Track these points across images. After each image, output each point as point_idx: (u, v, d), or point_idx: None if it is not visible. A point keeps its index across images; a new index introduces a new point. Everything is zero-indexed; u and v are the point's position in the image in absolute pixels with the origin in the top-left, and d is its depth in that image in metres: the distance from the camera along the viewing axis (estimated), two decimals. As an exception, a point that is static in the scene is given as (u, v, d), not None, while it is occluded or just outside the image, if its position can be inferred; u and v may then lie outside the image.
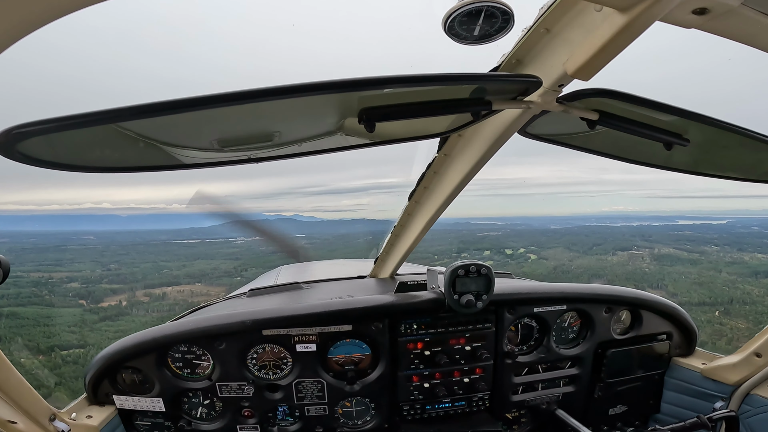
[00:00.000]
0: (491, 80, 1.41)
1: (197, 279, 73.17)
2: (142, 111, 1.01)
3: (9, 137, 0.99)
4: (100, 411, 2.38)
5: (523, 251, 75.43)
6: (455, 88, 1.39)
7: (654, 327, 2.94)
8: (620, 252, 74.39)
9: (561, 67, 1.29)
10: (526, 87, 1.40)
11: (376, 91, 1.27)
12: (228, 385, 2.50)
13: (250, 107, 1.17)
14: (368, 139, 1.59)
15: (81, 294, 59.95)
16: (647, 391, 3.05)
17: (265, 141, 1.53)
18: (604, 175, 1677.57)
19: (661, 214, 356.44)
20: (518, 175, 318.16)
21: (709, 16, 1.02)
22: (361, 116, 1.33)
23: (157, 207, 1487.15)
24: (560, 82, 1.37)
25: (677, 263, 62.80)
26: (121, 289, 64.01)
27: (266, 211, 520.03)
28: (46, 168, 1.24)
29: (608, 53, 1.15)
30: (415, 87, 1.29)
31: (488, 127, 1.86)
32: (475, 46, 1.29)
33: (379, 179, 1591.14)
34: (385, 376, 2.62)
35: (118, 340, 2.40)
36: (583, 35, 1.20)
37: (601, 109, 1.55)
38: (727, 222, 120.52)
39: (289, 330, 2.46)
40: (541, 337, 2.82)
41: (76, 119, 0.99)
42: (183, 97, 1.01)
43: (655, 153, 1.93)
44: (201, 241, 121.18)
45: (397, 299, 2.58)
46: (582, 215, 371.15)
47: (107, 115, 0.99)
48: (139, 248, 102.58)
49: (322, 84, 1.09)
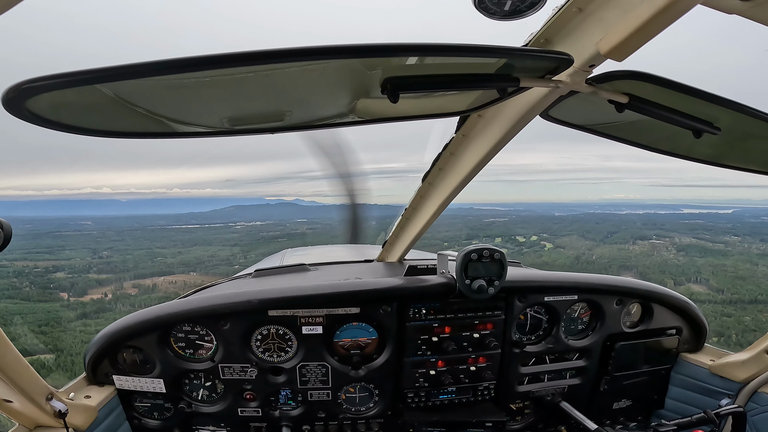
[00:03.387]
0: (522, 54, 1.41)
1: (192, 268, 73.06)
2: (161, 67, 1.01)
3: (19, 92, 1.00)
4: (99, 391, 2.40)
5: (536, 239, 75.17)
6: (482, 63, 1.40)
7: (664, 321, 2.98)
8: (640, 241, 73.88)
9: (594, 46, 1.32)
10: (557, 65, 1.41)
11: (403, 59, 1.27)
12: (231, 367, 2.52)
13: (273, 72, 1.18)
14: (384, 114, 1.59)
15: (64, 286, 57.90)
16: (653, 386, 3.11)
17: (286, 108, 1.54)
18: (607, 163, 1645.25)
19: (664, 202, 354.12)
20: (520, 161, 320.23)
21: (755, 2, 1.05)
22: (385, 85, 1.32)
23: (158, 191, 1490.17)
24: (591, 62, 1.40)
25: (707, 254, 62.16)
26: (109, 280, 62.70)
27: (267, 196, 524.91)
28: (51, 128, 1.25)
29: (646, 34, 1.17)
30: (444, 57, 1.30)
31: (510, 108, 1.87)
32: (501, 23, 1.31)
33: (381, 164, 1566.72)
34: (390, 361, 2.65)
35: (120, 318, 2.42)
36: (619, 15, 1.23)
37: (631, 92, 1.57)
38: (733, 211, 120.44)
39: (295, 311, 2.48)
40: (550, 327, 2.86)
41: (90, 74, 0.99)
42: (201, 54, 1.00)
43: (678, 141, 1.98)
44: (200, 226, 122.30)
45: (406, 282, 2.59)
46: (585, 202, 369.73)
47: (123, 71, 1.00)
48: (135, 234, 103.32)
49: (349, 47, 1.08)
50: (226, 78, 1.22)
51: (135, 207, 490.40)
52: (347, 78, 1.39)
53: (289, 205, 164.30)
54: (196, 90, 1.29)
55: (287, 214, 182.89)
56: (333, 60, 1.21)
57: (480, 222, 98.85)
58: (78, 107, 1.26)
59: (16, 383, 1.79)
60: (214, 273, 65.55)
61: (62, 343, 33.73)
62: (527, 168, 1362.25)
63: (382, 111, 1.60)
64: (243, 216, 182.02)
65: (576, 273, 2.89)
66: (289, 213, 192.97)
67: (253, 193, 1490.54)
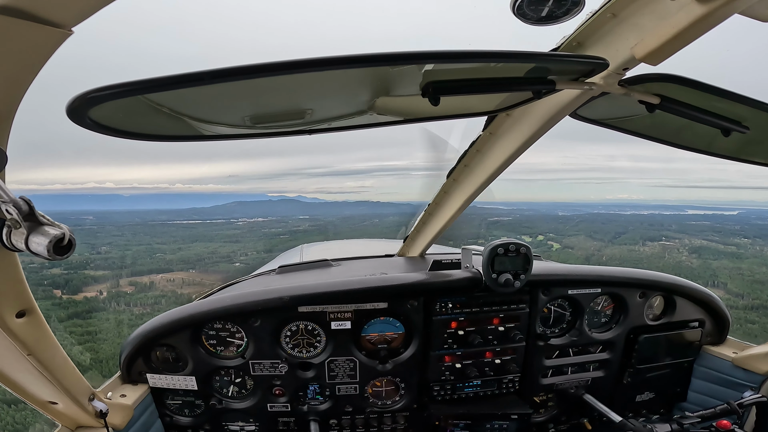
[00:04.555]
0: (560, 60, 1.50)
1: (191, 265, 72.66)
2: (220, 75, 1.05)
3: (84, 101, 1.05)
4: (133, 390, 2.47)
5: (543, 239, 74.76)
6: (518, 66, 1.47)
7: (687, 314, 3.02)
8: (650, 242, 73.36)
9: (628, 51, 1.39)
10: (592, 68, 1.48)
11: (445, 64, 1.34)
12: (261, 363, 2.60)
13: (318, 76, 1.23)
14: (417, 114, 1.71)
15: (58, 282, 56.22)
16: (675, 379, 3.15)
17: (320, 111, 1.62)
18: (611, 163, 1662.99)
19: (668, 203, 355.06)
20: (523, 160, 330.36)
21: None
22: (427, 89, 1.39)
23: (161, 186, 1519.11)
24: (625, 66, 1.47)
25: (720, 256, 61.58)
26: (105, 277, 61.68)
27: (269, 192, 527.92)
28: (112, 135, 1.32)
29: (681, 41, 1.23)
30: (485, 62, 1.37)
31: (540, 108, 1.93)
32: (534, 27, 1.37)
33: (383, 162, 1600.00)
34: (417, 355, 2.72)
35: (153, 317, 2.49)
36: (654, 22, 1.29)
37: (662, 93, 1.64)
38: (738, 213, 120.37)
39: (324, 307, 2.54)
40: (573, 320, 2.91)
41: (151, 83, 1.05)
42: (265, 61, 1.06)
43: (701, 138, 2.07)
44: (201, 222, 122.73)
45: (432, 277, 2.66)
46: (588, 202, 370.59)
47: (182, 79, 1.05)
48: (135, 229, 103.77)
49: (394, 55, 1.14)
50: (265, 83, 1.27)
51: (137, 202, 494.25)
52: (388, 82, 1.46)
53: (291, 202, 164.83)
54: (228, 93, 1.34)
55: (289, 211, 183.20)
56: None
57: (485, 221, 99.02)
58: (138, 114, 1.34)
59: (63, 385, 1.81)
60: (214, 271, 65.33)
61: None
62: (531, 167, 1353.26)
63: (416, 111, 1.70)
64: (245, 212, 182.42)
65: (599, 266, 2.92)
66: (291, 209, 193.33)
67: (255, 189, 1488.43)
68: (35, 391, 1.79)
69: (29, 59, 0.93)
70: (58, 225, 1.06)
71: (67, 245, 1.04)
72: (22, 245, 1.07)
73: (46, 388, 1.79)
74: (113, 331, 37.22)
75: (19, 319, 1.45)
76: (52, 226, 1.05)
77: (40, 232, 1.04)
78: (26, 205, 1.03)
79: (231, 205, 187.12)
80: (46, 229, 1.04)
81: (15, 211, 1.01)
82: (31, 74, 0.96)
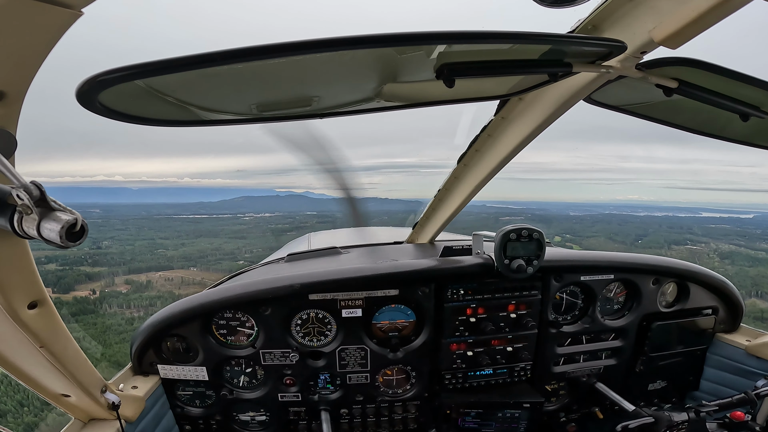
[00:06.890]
0: (578, 42, 1.46)
1: (193, 262, 72.09)
2: (230, 55, 1.03)
3: (94, 84, 1.03)
4: (144, 381, 2.49)
5: (560, 240, 73.49)
6: (534, 48, 1.44)
7: (700, 301, 3.02)
8: (675, 246, 71.67)
9: (646, 34, 1.37)
10: (609, 51, 1.45)
11: (461, 45, 1.33)
12: (271, 353, 2.61)
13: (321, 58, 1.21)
14: (425, 98, 1.65)
15: (50, 280, 54.28)
16: (688, 367, 3.15)
17: (327, 95, 1.58)
18: (623, 164, 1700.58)
19: (681, 204, 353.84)
20: (533, 159, 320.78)
21: None
22: (441, 71, 1.36)
23: (169, 180, 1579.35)
24: (643, 49, 1.45)
25: (755, 263, 59.60)
26: (100, 274, 60.80)
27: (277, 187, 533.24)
28: (121, 120, 1.31)
29: (703, 24, 1.22)
30: (501, 44, 1.34)
31: (553, 92, 1.92)
32: (548, 10, 1.35)
33: (392, 159, 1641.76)
34: (428, 343, 2.72)
35: (164, 308, 2.50)
36: (674, 4, 1.28)
37: (680, 77, 1.62)
38: (753, 216, 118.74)
39: (335, 294, 2.54)
40: (585, 307, 2.91)
41: (162, 64, 1.02)
42: (278, 42, 1.03)
43: (716, 122, 2.05)
44: (207, 216, 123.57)
45: (444, 263, 2.64)
46: (598, 203, 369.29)
47: (192, 60, 1.04)
48: (140, 223, 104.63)
49: (410, 35, 1.12)
50: (269, 65, 1.23)
51: (145, 195, 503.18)
52: (401, 64, 1.41)
53: (298, 197, 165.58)
54: (236, 77, 1.31)
55: (297, 206, 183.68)
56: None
57: (496, 220, 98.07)
58: (147, 97, 1.29)
59: (75, 377, 1.81)
60: (216, 269, 64.95)
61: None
62: (540, 166, 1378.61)
63: (427, 95, 1.65)
64: (252, 207, 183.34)
65: (611, 252, 2.89)
66: (298, 205, 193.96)
67: (263, 184, 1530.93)
68: (48, 384, 1.79)
69: (39, 40, 0.89)
70: (70, 210, 1.02)
71: (80, 231, 1.01)
72: (34, 232, 1.03)
73: (58, 381, 1.80)
74: (99, 338, 36.52)
75: (31, 311, 1.44)
76: (64, 211, 1.02)
77: (52, 218, 1.00)
78: (37, 189, 0.99)
79: (238, 200, 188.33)
80: (58, 215, 1.00)
81: (26, 197, 0.97)
82: (40, 56, 0.93)
